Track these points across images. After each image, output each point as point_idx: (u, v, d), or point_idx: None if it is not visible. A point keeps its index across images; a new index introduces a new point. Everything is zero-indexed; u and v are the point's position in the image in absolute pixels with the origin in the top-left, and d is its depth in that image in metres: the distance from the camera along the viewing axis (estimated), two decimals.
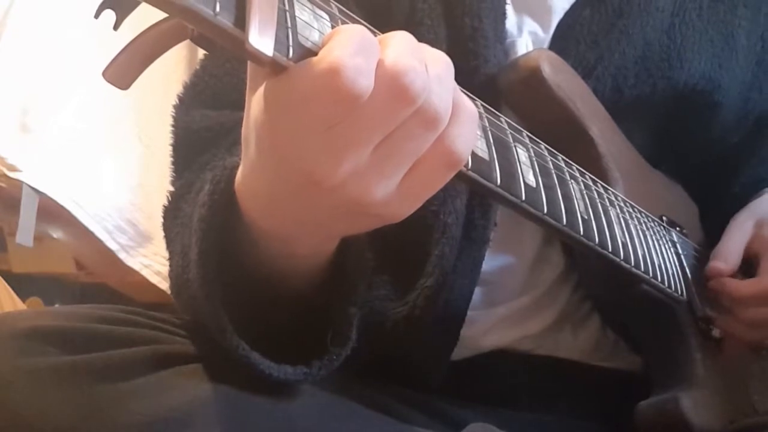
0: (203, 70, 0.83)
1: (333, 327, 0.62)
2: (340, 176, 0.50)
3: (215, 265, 0.59)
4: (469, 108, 0.53)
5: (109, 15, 0.45)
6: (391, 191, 0.52)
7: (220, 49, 0.47)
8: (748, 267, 0.91)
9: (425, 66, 0.50)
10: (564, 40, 0.86)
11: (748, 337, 0.90)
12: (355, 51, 0.47)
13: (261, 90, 0.50)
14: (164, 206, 0.78)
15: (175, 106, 0.84)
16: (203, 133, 0.78)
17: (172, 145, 0.83)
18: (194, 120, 0.80)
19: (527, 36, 0.86)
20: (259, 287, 0.62)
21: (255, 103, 0.51)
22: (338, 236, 0.61)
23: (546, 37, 0.87)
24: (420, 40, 0.51)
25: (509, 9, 0.84)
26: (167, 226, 0.76)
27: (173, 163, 0.82)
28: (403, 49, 0.49)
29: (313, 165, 0.50)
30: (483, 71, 0.80)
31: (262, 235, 0.59)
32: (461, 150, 0.52)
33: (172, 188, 0.80)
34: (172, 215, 0.75)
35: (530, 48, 0.85)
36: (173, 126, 0.83)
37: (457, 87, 0.53)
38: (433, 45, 0.53)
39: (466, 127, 0.52)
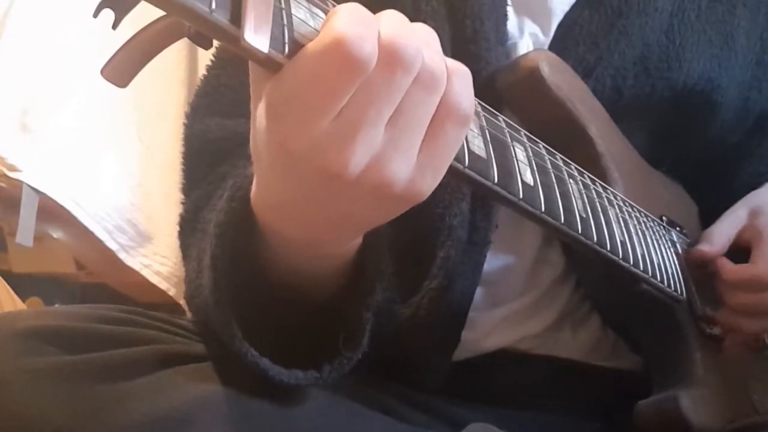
0: (217, 80, 0.83)
1: (347, 330, 0.62)
2: (357, 164, 0.50)
3: (227, 270, 0.59)
4: (461, 67, 0.53)
5: (108, 14, 0.46)
6: (411, 166, 0.52)
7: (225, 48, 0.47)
8: (741, 258, 0.91)
9: (414, 35, 0.51)
10: (564, 42, 0.86)
11: (747, 328, 0.90)
12: (355, 22, 0.47)
13: (264, 94, 0.50)
14: (179, 222, 0.77)
15: (187, 114, 0.83)
16: (222, 143, 0.77)
17: (185, 153, 0.82)
18: (210, 129, 0.79)
19: (528, 38, 0.86)
20: (272, 291, 0.62)
21: (260, 110, 0.51)
22: (367, 228, 0.60)
23: (546, 39, 0.87)
24: None
25: (510, 11, 0.84)
26: (185, 240, 0.75)
27: (186, 172, 0.81)
28: (393, 21, 0.50)
29: (327, 158, 0.49)
30: (484, 74, 0.80)
31: (287, 243, 0.59)
32: (466, 104, 0.53)
33: (184, 198, 0.79)
34: (191, 227, 0.73)
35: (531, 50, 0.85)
36: (185, 134, 0.82)
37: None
38: None
39: (464, 84, 0.53)
